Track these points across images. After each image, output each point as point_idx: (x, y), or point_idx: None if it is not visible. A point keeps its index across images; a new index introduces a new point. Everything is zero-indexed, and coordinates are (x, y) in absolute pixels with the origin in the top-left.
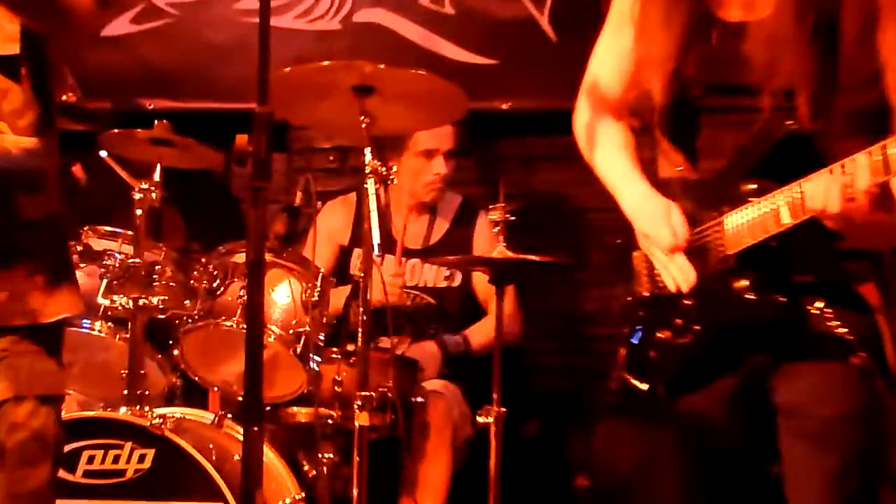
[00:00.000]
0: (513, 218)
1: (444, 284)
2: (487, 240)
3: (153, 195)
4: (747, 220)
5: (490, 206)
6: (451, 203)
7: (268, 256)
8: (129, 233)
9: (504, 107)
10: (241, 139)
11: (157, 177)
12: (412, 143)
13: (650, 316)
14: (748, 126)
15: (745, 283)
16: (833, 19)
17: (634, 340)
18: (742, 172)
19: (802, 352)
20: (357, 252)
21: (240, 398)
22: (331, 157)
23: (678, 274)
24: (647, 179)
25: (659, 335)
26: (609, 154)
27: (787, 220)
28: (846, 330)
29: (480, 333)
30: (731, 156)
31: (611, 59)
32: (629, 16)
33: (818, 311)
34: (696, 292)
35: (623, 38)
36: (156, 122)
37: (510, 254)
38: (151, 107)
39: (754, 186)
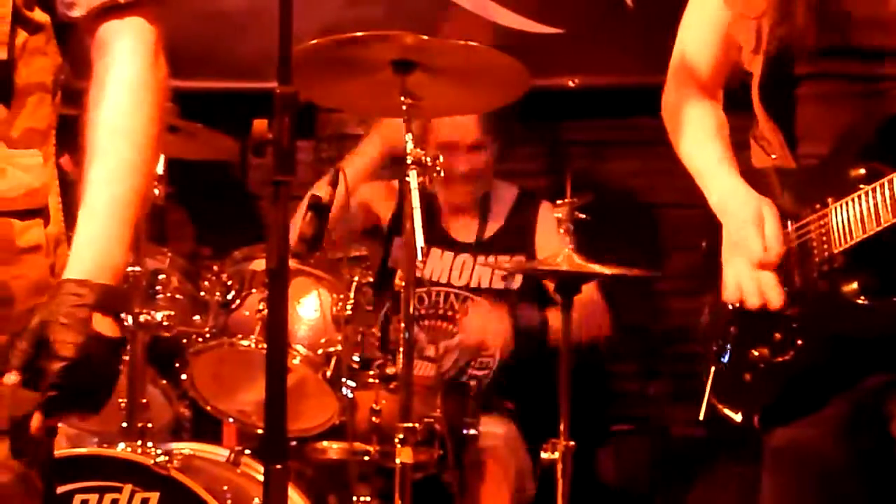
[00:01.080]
0: (583, 216)
1: (501, 286)
2: (552, 234)
3: (156, 191)
4: (857, 211)
5: (556, 203)
6: (506, 196)
7: (292, 263)
8: None
9: (571, 84)
10: (260, 124)
11: (160, 169)
12: (431, 133)
13: (743, 330)
14: (863, 100)
15: (855, 286)
16: None
17: (725, 360)
18: (850, 156)
19: None
20: (398, 241)
21: (259, 431)
22: None
23: (757, 290)
24: (738, 171)
25: (754, 353)
26: (697, 141)
27: None
28: None
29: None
30: (837, 137)
31: (701, 26)
32: None
33: None
34: (799, 300)
35: (716, 2)
36: None
37: (578, 260)
38: None
39: (864, 171)
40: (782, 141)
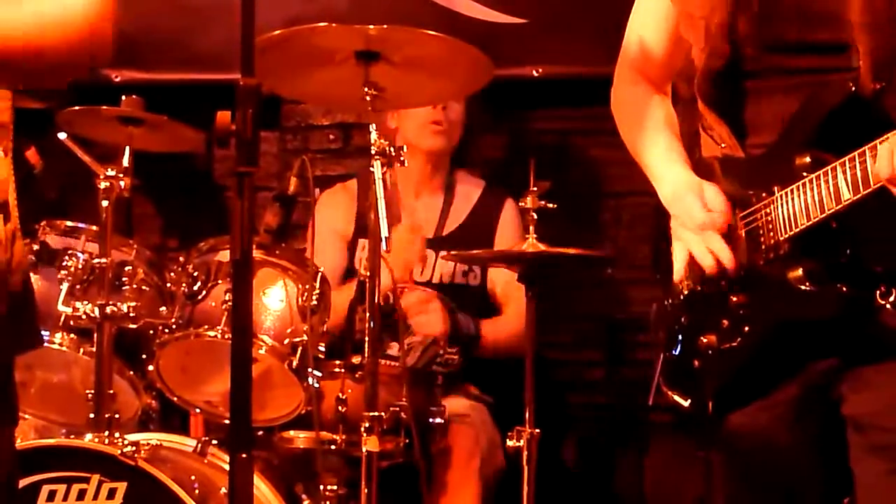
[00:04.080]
0: (550, 205)
1: (461, 282)
2: (513, 232)
3: (121, 183)
4: (801, 199)
5: (521, 193)
6: (472, 189)
7: (257, 254)
8: (94, 228)
9: (535, 73)
10: (224, 116)
11: (125, 162)
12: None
13: (691, 318)
14: (806, 92)
15: (800, 272)
16: None
17: (674, 347)
18: (794, 146)
19: (873, 353)
20: (362, 243)
21: (227, 421)
22: (331, 136)
23: (707, 253)
24: (689, 164)
25: (703, 340)
26: (646, 135)
27: (847, 195)
28: None
29: (494, 328)
30: (782, 128)
31: (652, 15)
32: None
33: (890, 305)
34: (747, 286)
35: None
36: (123, 97)
37: (542, 247)
38: (118, 79)
39: (808, 160)
40: (729, 132)
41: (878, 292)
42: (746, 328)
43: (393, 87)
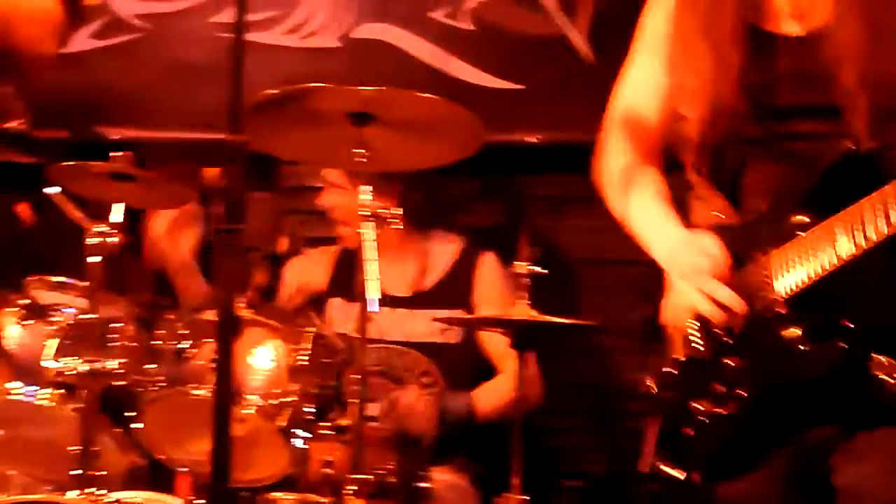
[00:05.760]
0: (543, 271)
1: (439, 339)
2: (492, 287)
3: (112, 239)
4: (798, 258)
5: (511, 258)
6: (449, 247)
7: (246, 313)
8: (83, 284)
9: (535, 140)
10: (212, 172)
11: (116, 217)
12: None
13: (684, 384)
14: (802, 156)
15: (797, 332)
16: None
17: (666, 416)
18: (790, 206)
19: (869, 417)
20: (334, 303)
21: None
22: None
23: (713, 303)
24: (683, 225)
25: (696, 406)
26: (640, 202)
27: (845, 251)
28: None
29: (491, 395)
30: (777, 191)
31: (644, 86)
32: (664, 35)
33: (886, 366)
34: (741, 349)
35: (658, 62)
36: (111, 154)
37: (534, 313)
38: (117, 136)
39: (805, 219)
40: (724, 202)
41: (873, 353)
42: (741, 392)
43: (385, 149)
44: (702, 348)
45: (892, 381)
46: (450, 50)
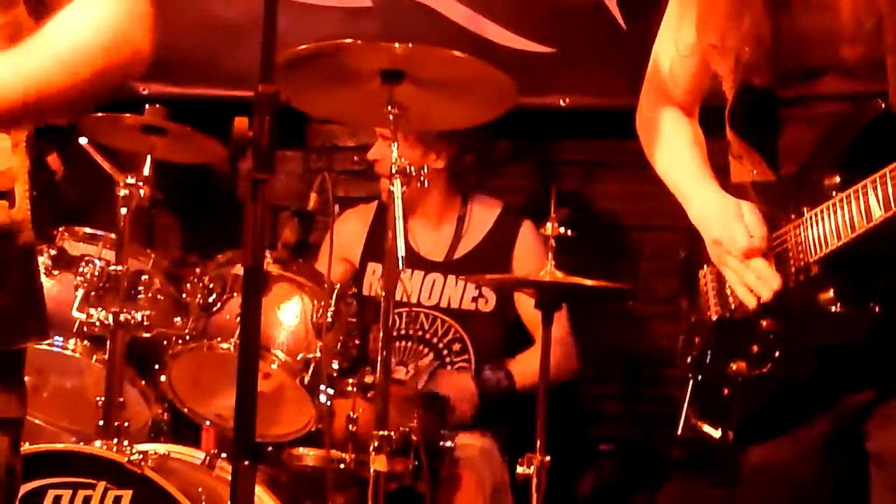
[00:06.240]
0: (569, 232)
1: (471, 307)
2: (533, 256)
3: (141, 192)
4: (831, 220)
5: (541, 222)
6: (488, 213)
7: (274, 268)
8: (112, 236)
9: (562, 103)
10: (241, 122)
11: (146, 171)
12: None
13: (721, 344)
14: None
15: (831, 294)
16: None
17: (703, 375)
18: (825, 166)
19: None
20: (372, 268)
21: None
22: (355, 158)
23: (756, 282)
24: (717, 182)
25: (732, 367)
26: (675, 154)
27: (878, 212)
28: None
29: (529, 367)
30: (811, 151)
31: (677, 49)
32: None
33: None
34: (777, 311)
35: (688, 23)
36: (147, 106)
37: (560, 275)
38: (146, 91)
39: (838, 179)
40: (761, 160)
41: None
42: (777, 354)
43: (417, 108)
44: (738, 308)
45: None
46: (484, 12)
